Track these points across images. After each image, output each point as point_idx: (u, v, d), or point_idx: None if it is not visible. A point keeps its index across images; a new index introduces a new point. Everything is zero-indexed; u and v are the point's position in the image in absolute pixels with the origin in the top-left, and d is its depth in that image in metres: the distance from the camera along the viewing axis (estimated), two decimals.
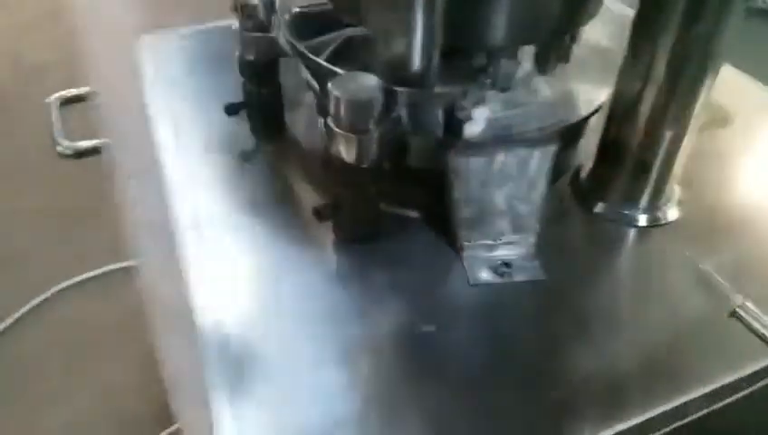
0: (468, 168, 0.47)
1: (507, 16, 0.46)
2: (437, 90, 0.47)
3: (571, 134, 0.54)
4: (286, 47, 0.54)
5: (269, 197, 0.56)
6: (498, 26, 0.47)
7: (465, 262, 0.49)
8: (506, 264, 0.49)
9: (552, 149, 0.47)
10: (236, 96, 0.61)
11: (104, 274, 1.17)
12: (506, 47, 0.49)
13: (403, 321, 0.46)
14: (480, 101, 0.50)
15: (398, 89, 0.46)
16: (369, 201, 0.50)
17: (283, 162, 0.60)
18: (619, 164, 0.52)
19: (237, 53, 0.58)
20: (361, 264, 0.50)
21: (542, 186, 0.49)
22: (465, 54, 0.50)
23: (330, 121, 0.45)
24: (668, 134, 0.49)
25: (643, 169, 0.52)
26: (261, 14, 0.56)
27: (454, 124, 0.47)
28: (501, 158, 0.48)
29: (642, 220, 0.53)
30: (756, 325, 0.42)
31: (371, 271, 0.50)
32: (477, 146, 0.48)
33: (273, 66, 0.59)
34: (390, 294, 0.48)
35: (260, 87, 0.59)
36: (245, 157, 0.60)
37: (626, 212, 0.54)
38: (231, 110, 0.60)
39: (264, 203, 0.55)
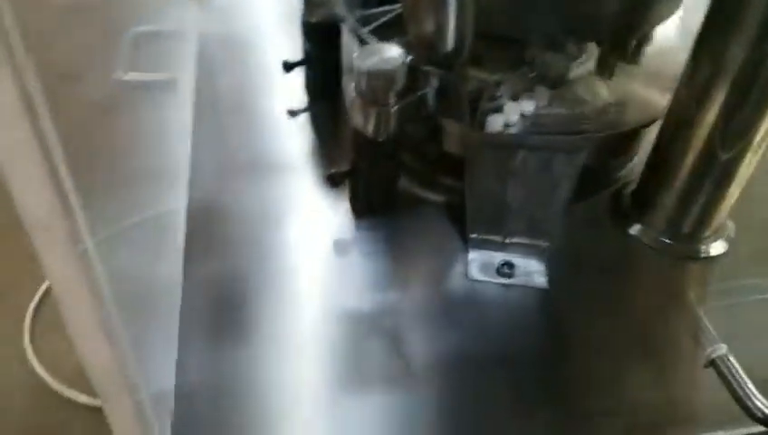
0: (486, 159, 0.45)
1: (553, 5, 0.43)
2: (468, 74, 0.46)
3: (615, 145, 0.50)
4: (341, 14, 0.55)
5: (299, 155, 0.57)
6: (542, 15, 0.44)
7: (469, 255, 0.48)
8: (509, 264, 0.47)
9: (579, 156, 0.44)
10: (295, 54, 0.62)
11: None
12: (552, 40, 0.46)
13: (391, 300, 0.46)
14: (519, 94, 0.48)
15: (425, 67, 0.44)
16: (385, 175, 0.49)
17: (324, 123, 0.60)
18: (664, 185, 0.48)
19: (301, 14, 0.59)
20: (368, 236, 0.50)
21: (564, 192, 0.45)
22: (510, 42, 0.48)
23: (353, 91, 0.45)
24: (722, 159, 0.44)
25: (690, 193, 0.47)
26: None
27: (477, 113, 0.45)
28: (522, 156, 0.45)
29: (679, 251, 0.49)
30: (730, 379, 0.37)
31: (377, 245, 0.50)
32: (500, 139, 0.45)
33: (333, 30, 0.59)
34: (388, 271, 0.48)
35: (318, 49, 0.60)
36: (293, 113, 0.61)
37: (664, 239, 0.49)
38: (288, 67, 0.62)
39: (291, 161, 0.57)
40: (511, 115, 0.47)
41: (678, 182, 0.47)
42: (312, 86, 0.63)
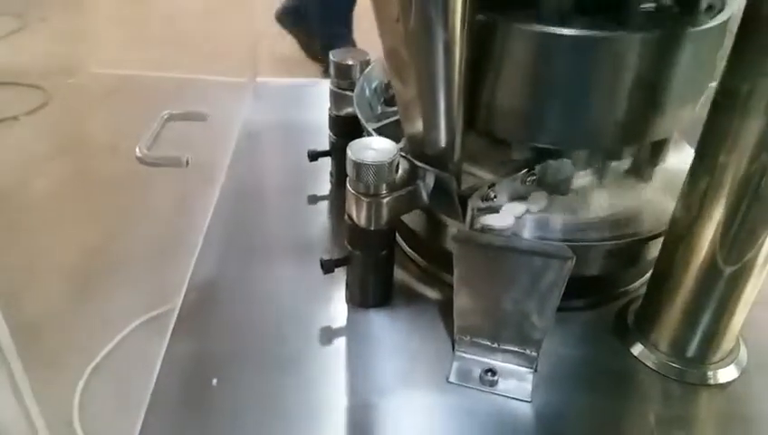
0: (472, 258, 0.45)
1: (549, 114, 0.44)
2: (468, 170, 0.46)
3: (619, 257, 0.48)
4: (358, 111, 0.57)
5: (311, 240, 0.59)
6: (540, 123, 0.44)
7: (454, 358, 0.46)
8: (492, 371, 0.45)
9: (567, 264, 0.42)
10: (320, 144, 0.65)
11: None
12: (552, 149, 0.46)
13: (361, 390, 0.45)
14: (516, 196, 0.48)
15: (417, 163, 0.45)
16: (378, 265, 0.49)
17: (341, 210, 0.62)
18: (667, 303, 0.45)
19: (328, 107, 0.63)
20: (359, 328, 0.49)
21: (552, 301, 0.43)
22: (512, 144, 0.48)
23: (348, 182, 0.46)
24: (726, 273, 0.41)
25: (695, 312, 0.43)
26: (354, 75, 0.61)
27: (465, 212, 0.45)
28: (508, 259, 0.44)
29: (684, 376, 0.45)
30: None
31: (366, 337, 0.49)
32: (484, 239, 0.45)
33: (356, 124, 0.62)
34: (372, 366, 0.47)
35: (342, 140, 0.63)
36: (315, 199, 0.63)
37: (668, 362, 0.45)
38: (313, 156, 0.65)
39: (303, 245, 0.58)
40: (506, 216, 0.46)
41: (682, 299, 0.44)
42: (335, 174, 0.66)
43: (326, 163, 0.66)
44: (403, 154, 0.46)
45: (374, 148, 0.45)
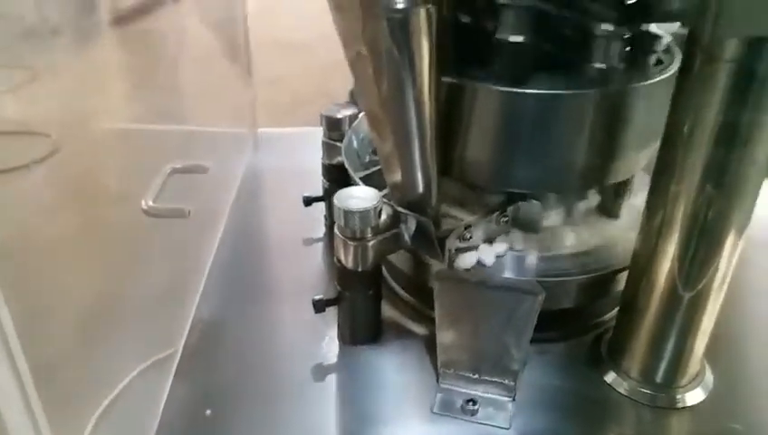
0: (450, 295, 0.48)
1: (514, 163, 0.48)
2: (448, 212, 0.50)
3: (590, 290, 0.51)
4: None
5: (306, 282, 0.62)
6: (507, 171, 0.48)
7: (438, 389, 0.49)
8: (473, 401, 0.48)
9: (537, 299, 0.46)
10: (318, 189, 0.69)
11: None
12: (525, 191, 0.50)
13: (351, 422, 0.48)
14: (492, 236, 0.51)
15: (398, 208, 0.49)
16: (366, 305, 0.53)
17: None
18: (635, 332, 0.48)
19: (321, 156, 0.67)
20: (349, 364, 0.53)
21: (525, 334, 0.47)
22: (485, 189, 0.52)
23: (336, 227, 0.50)
24: (686, 299, 0.44)
25: (660, 339, 0.47)
26: (344, 127, 0.65)
27: (444, 252, 0.48)
28: (484, 295, 0.47)
29: (654, 400, 0.48)
30: None
31: (356, 373, 0.52)
32: (466, 277, 0.48)
33: (344, 171, 0.66)
34: (361, 401, 0.50)
35: (335, 185, 0.67)
36: (310, 242, 0.67)
37: (639, 389, 0.48)
38: (307, 201, 0.69)
39: (298, 287, 0.62)
40: (484, 255, 0.50)
41: (647, 328, 0.47)
42: (328, 218, 0.70)
43: (322, 207, 0.70)
44: (386, 201, 0.50)
45: (358, 196, 0.49)
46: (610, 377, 0.50)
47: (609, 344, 0.52)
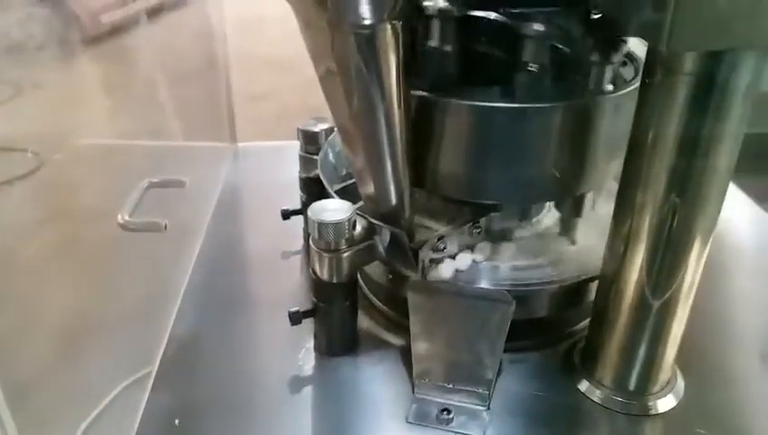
0: (424, 306, 0.49)
1: (482, 175, 0.49)
2: (422, 223, 0.51)
3: (562, 299, 0.52)
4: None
5: (283, 294, 0.62)
6: (476, 184, 0.49)
7: (413, 398, 0.49)
8: (448, 410, 0.48)
9: (509, 308, 0.46)
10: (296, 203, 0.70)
11: None
12: (493, 203, 0.51)
13: (328, 432, 0.48)
14: (464, 246, 0.52)
15: (372, 220, 0.50)
16: (342, 316, 0.53)
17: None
18: (607, 340, 0.49)
19: (298, 169, 0.68)
20: (325, 376, 0.53)
21: (498, 342, 0.47)
22: (456, 201, 0.53)
23: (311, 240, 0.51)
24: (655, 307, 0.45)
25: (631, 347, 0.47)
26: (321, 140, 0.66)
27: (418, 263, 0.49)
28: (456, 304, 0.48)
29: (627, 408, 0.48)
30: None
31: (332, 384, 0.52)
32: (439, 287, 0.49)
33: (322, 184, 0.67)
34: (337, 411, 0.50)
35: (311, 198, 0.68)
36: (288, 255, 0.68)
37: (612, 397, 0.49)
38: (286, 215, 0.69)
39: (276, 298, 0.62)
40: (457, 265, 0.51)
41: (619, 336, 0.48)
42: (305, 232, 0.70)
43: (300, 220, 0.70)
44: (360, 213, 0.50)
45: (332, 208, 0.50)
46: (584, 386, 0.50)
47: (581, 353, 0.52)
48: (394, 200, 0.48)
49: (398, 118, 0.43)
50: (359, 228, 0.51)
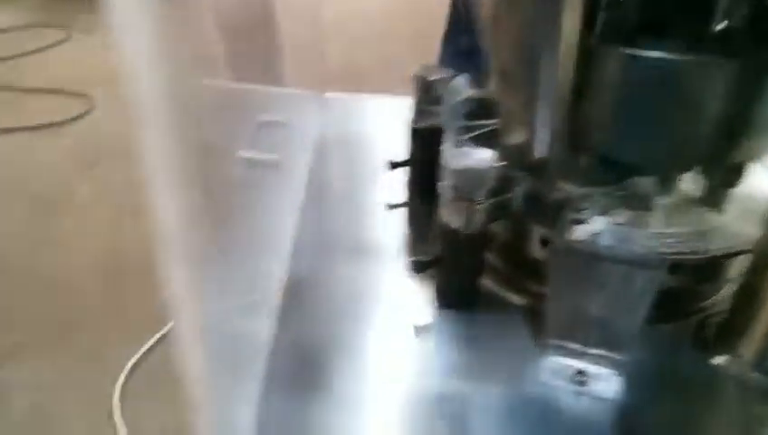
0: (566, 268, 0.47)
1: (639, 133, 0.46)
2: (558, 183, 0.49)
3: (701, 272, 0.50)
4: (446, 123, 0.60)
5: (393, 243, 0.61)
6: (633, 146, 0.47)
7: (545, 359, 0.48)
8: (583, 373, 0.47)
9: (658, 273, 0.44)
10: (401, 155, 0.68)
11: None
12: (641, 166, 0.48)
13: (464, 391, 0.47)
14: (606, 210, 0.50)
15: (514, 172, 0.48)
16: (467, 269, 0.52)
17: (420, 218, 0.64)
18: (755, 318, 0.46)
19: (411, 119, 0.66)
20: (448, 327, 0.52)
21: (642, 308, 0.45)
22: (604, 161, 0.50)
23: (443, 187, 0.49)
24: None
25: None
26: (436, 90, 0.64)
27: (561, 223, 0.47)
28: (603, 268, 0.46)
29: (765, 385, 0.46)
30: None
31: (456, 336, 0.51)
32: (582, 247, 0.47)
33: (435, 136, 0.65)
34: (463, 363, 0.49)
35: (421, 152, 0.66)
36: (392, 206, 0.66)
37: (751, 373, 0.47)
38: (393, 165, 0.67)
39: (386, 247, 0.61)
40: (597, 227, 0.49)
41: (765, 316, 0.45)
42: (412, 184, 0.68)
43: (398, 173, 0.68)
44: (502, 163, 0.48)
45: (472, 156, 0.48)
46: (721, 360, 0.48)
47: (719, 328, 0.50)
48: (545, 152, 0.46)
49: (570, 64, 0.41)
50: (497, 180, 0.49)
